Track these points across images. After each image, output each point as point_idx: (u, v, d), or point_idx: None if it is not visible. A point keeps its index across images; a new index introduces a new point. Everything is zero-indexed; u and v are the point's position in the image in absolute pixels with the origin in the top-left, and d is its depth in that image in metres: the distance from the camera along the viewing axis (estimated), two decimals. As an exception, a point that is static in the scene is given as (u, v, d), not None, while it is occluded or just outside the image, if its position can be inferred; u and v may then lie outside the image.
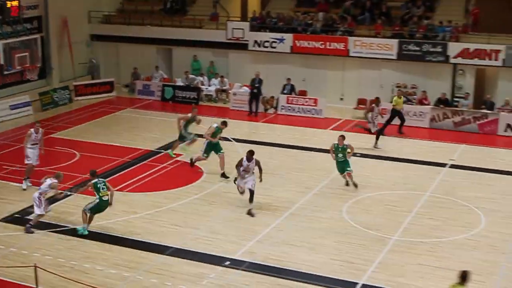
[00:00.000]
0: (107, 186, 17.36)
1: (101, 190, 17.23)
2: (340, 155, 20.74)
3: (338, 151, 20.78)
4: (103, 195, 17.23)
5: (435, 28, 31.93)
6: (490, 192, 20.92)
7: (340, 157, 20.75)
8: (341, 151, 20.70)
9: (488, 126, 27.85)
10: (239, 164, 18.86)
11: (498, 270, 15.60)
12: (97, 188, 17.21)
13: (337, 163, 20.91)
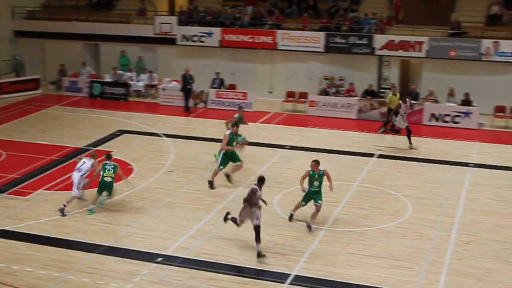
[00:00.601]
0: (115, 171, 18.33)
1: (106, 172, 18.28)
2: (316, 183, 17.33)
3: (313, 179, 17.37)
4: (106, 175, 18.24)
5: (361, 20, 32.52)
6: (416, 180, 21.46)
7: (315, 186, 17.34)
8: (318, 178, 17.30)
9: (413, 116, 28.50)
10: (252, 197, 15.75)
11: (425, 256, 16.02)
12: (104, 169, 18.33)
13: (307, 194, 17.47)
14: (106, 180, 18.29)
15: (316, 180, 17.30)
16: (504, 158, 24.06)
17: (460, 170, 22.51)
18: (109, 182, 18.34)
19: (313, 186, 17.34)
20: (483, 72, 30.31)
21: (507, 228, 17.75)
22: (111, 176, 18.32)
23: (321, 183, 17.34)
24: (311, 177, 17.35)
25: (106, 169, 18.34)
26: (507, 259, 15.88)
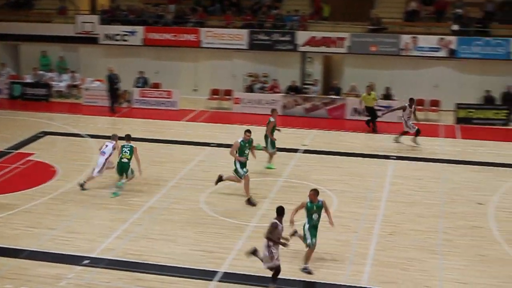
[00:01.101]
0: (131, 153, 19.28)
1: (123, 153, 19.32)
2: (315, 216, 15.08)
3: (312, 211, 15.05)
4: (123, 157, 19.29)
5: (283, 17, 32.81)
6: (341, 174, 21.83)
7: (315, 220, 15.11)
8: (317, 210, 15.07)
9: (336, 111, 29.00)
10: (273, 230, 13.98)
11: (351, 248, 16.32)
12: (121, 150, 19.37)
13: (308, 230, 15.09)
14: (123, 161, 19.33)
15: (315, 213, 14.99)
16: (425, 150, 24.71)
17: (383, 163, 23.00)
18: (125, 163, 19.33)
19: (312, 221, 15.02)
20: (402, 67, 31.08)
21: (428, 218, 18.25)
22: (127, 158, 19.32)
23: (320, 216, 15.12)
24: (309, 210, 14.96)
25: (123, 151, 19.38)
26: (429, 248, 16.34)
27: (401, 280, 14.73)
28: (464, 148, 25.16)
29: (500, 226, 17.68)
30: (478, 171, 22.32)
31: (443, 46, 30.24)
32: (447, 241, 16.74)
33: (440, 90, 30.65)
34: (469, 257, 15.90)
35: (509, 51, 29.68)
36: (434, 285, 14.52)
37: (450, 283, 14.60)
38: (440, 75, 31.04)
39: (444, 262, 15.59)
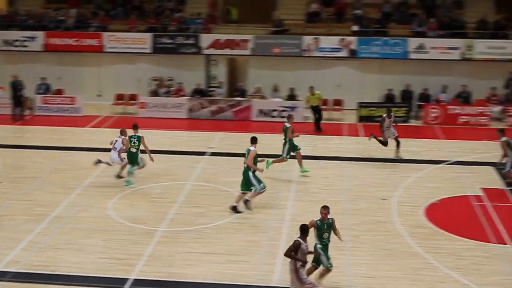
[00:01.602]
0: (139, 142, 20.40)
1: (131, 144, 20.38)
2: (325, 235, 14.09)
3: (323, 230, 14.08)
4: (132, 147, 20.37)
5: (187, 20, 32.78)
6: (248, 176, 21.99)
7: (325, 239, 14.13)
8: (327, 229, 14.07)
9: (242, 113, 29.22)
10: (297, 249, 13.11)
11: (260, 248, 16.48)
12: (130, 141, 20.40)
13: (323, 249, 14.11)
14: (132, 151, 20.43)
15: (326, 232, 14.06)
16: (329, 149, 25.23)
17: (289, 162, 23.30)
18: (134, 153, 20.40)
19: (323, 240, 14.08)
20: (305, 67, 31.62)
21: (335, 215, 18.41)
22: (136, 147, 20.43)
23: (330, 235, 14.20)
24: (320, 229, 14.02)
25: (131, 141, 20.45)
26: (336, 245, 16.59)
27: (311, 278, 14.97)
28: (366, 145, 25.82)
29: (403, 220, 18.27)
30: (380, 168, 22.98)
31: (344, 46, 30.97)
32: (354, 237, 17.16)
33: (342, 90, 31.38)
34: (375, 251, 16.36)
35: (406, 50, 30.68)
36: (342, 280, 14.85)
37: (358, 278, 14.97)
38: (342, 75, 31.78)
39: (351, 257, 15.98)
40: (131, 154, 20.51)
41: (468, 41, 30.67)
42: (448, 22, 31.59)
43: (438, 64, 30.93)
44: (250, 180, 18.70)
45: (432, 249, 16.48)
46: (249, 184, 18.74)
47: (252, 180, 18.70)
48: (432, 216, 18.57)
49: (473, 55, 30.59)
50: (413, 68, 31.23)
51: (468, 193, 20.43)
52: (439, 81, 30.52)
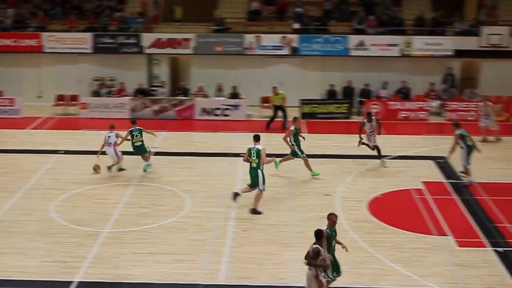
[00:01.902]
0: (141, 134, 21.27)
1: (134, 138, 21.14)
2: (333, 243, 13.65)
3: (332, 238, 13.56)
4: (136, 141, 21.23)
5: (127, 20, 32.52)
6: (193, 175, 21.98)
7: (333, 247, 13.67)
8: (335, 236, 13.67)
9: (185, 112, 29.15)
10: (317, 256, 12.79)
11: (206, 247, 16.50)
12: (132, 135, 21.17)
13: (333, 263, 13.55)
14: (136, 144, 21.23)
15: (334, 239, 13.60)
16: (272, 146, 25.31)
17: (233, 161, 23.36)
18: (139, 146, 21.27)
19: (332, 248, 13.59)
20: (248, 66, 31.75)
21: (279, 212, 18.79)
22: (139, 140, 21.22)
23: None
24: (330, 237, 13.41)
25: (133, 135, 21.12)
26: (282, 241, 16.84)
27: (257, 275, 15.08)
28: (310, 142, 26.00)
29: (347, 215, 18.51)
30: (324, 164, 23.20)
31: (286, 44, 31.18)
32: (299, 233, 17.32)
33: (284, 87, 31.48)
34: (320, 247, 16.54)
35: (347, 47, 31.06)
36: (289, 276, 14.98)
37: (303, 273, 15.06)
38: (284, 72, 31.99)
39: (297, 253, 16.08)
40: (137, 147, 21.47)
41: (407, 38, 31.24)
42: (387, 19, 32.11)
43: (378, 61, 31.42)
44: (258, 179, 18.60)
45: (376, 242, 16.77)
46: (257, 183, 18.63)
47: (259, 179, 18.60)
48: (375, 210, 18.88)
49: (411, 52, 31.17)
50: (354, 65, 31.65)
51: (409, 186, 20.83)
52: (380, 77, 31.03)
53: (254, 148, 18.60)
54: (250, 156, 18.61)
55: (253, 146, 18.67)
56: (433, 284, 14.67)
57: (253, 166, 18.65)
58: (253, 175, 18.68)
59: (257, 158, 18.52)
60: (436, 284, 14.61)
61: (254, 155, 18.54)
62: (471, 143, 20.95)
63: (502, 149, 24.72)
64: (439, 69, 31.52)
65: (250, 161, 18.67)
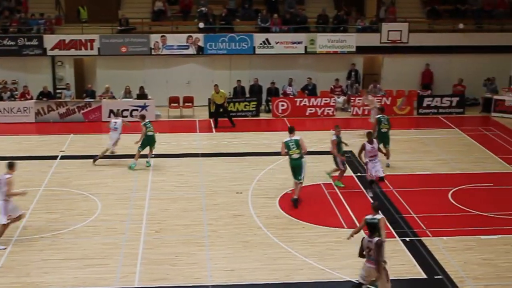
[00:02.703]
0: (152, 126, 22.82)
1: (148, 129, 22.56)
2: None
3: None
4: (148, 131, 22.50)
5: (29, 21, 31.70)
6: (102, 177, 21.70)
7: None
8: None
9: (92, 114, 28.69)
10: (382, 250, 13.10)
11: (119, 250, 16.34)
12: (146, 127, 22.50)
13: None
14: (148, 134, 22.62)
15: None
16: (182, 146, 25.36)
17: (143, 162, 23.18)
18: (151, 136, 22.72)
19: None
20: (155, 66, 31.56)
21: (192, 212, 18.81)
22: (151, 131, 22.67)
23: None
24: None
25: (148, 127, 22.65)
26: (195, 241, 16.87)
27: (172, 276, 15.07)
28: (219, 141, 26.20)
29: (259, 212, 18.72)
30: (234, 162, 23.37)
31: (192, 43, 31.16)
32: (212, 232, 17.40)
33: (192, 87, 31.58)
34: (234, 244, 16.68)
35: (253, 45, 31.32)
36: (203, 276, 15.04)
37: (218, 272, 15.21)
38: (191, 72, 31.96)
39: (211, 252, 16.20)
40: (149, 137, 22.61)
41: (311, 35, 31.80)
42: (290, 17, 32.57)
43: (284, 58, 31.84)
44: (302, 169, 18.94)
45: (288, 238, 17.04)
46: (300, 173, 18.97)
47: (303, 168, 18.98)
48: (286, 206, 19.16)
49: (316, 49, 31.73)
50: (260, 63, 31.96)
51: (319, 181, 21.24)
52: (286, 74, 31.42)
53: (291, 140, 19.02)
54: (289, 149, 18.90)
55: (289, 138, 19.05)
56: (345, 276, 15.04)
57: (294, 157, 18.97)
58: (297, 165, 19.00)
59: (297, 148, 18.86)
60: (349, 276, 14.98)
61: (293, 147, 18.91)
62: (384, 130, 22.14)
63: (405, 141, 25.56)
64: (343, 65, 32.24)
65: (290, 153, 18.93)
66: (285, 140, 19.13)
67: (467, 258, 15.98)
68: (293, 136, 19.14)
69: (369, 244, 13.11)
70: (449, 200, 19.60)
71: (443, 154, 24.32)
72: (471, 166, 23.11)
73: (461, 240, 16.64)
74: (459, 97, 30.94)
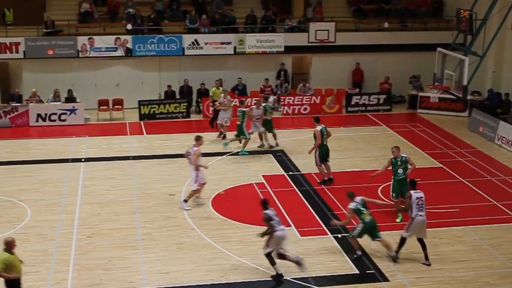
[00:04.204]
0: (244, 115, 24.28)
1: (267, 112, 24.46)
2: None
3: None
4: (268, 115, 24.44)
5: (-51, 25, 30.78)
6: (32, 183, 21.29)
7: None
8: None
9: (19, 119, 28.09)
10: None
11: (50, 257, 16.09)
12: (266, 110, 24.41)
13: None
14: (268, 118, 24.39)
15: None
16: (113, 149, 25.09)
17: (73, 166, 22.88)
18: (239, 125, 23.90)
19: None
20: (82, 68, 31.06)
21: (124, 215, 18.67)
22: (240, 121, 23.91)
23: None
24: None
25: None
26: (129, 244, 16.76)
27: (105, 280, 14.93)
28: (151, 143, 26.03)
29: (192, 213, 18.73)
30: (166, 164, 23.28)
31: (120, 45, 30.82)
32: (146, 235, 17.32)
33: (122, 89, 31.23)
34: (168, 246, 16.65)
35: (182, 46, 31.21)
36: (137, 279, 14.96)
37: (152, 275, 15.15)
38: (120, 74, 31.58)
39: (145, 256, 16.12)
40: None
41: (239, 35, 31.89)
42: (219, 18, 32.60)
43: (213, 59, 31.83)
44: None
45: (222, 238, 17.11)
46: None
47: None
48: (219, 207, 19.22)
49: (245, 49, 31.85)
50: (190, 64, 31.87)
51: (251, 181, 21.37)
52: (216, 75, 31.39)
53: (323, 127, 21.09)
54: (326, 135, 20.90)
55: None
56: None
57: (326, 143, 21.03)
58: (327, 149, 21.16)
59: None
60: (283, 274, 15.12)
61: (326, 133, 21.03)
62: (269, 118, 24.61)
63: (335, 140, 25.87)
64: (273, 65, 32.47)
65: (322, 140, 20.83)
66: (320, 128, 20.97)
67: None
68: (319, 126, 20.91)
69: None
70: (379, 196, 20.00)
71: (372, 151, 24.81)
72: (399, 162, 23.63)
73: (390, 235, 17.01)
74: (386, 95, 31.59)
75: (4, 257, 12.84)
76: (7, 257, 12.84)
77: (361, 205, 15.76)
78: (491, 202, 19.85)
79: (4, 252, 12.91)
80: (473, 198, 20.21)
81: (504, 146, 25.38)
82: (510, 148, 25.00)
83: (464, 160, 24.01)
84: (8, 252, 12.89)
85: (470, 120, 28.52)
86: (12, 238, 13.14)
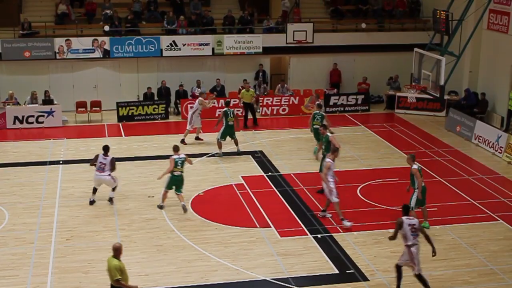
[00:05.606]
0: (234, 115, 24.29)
1: (228, 117, 23.90)
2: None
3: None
4: (229, 120, 23.98)
5: None
6: (9, 186, 21.12)
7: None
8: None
9: (-5, 122, 27.93)
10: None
11: (29, 260, 15.98)
12: (227, 115, 23.96)
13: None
14: (230, 124, 24.01)
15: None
16: (91, 151, 24.91)
17: (51, 168, 22.74)
18: (231, 125, 24.05)
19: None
20: (60, 70, 30.86)
21: (104, 218, 18.60)
22: (231, 120, 23.99)
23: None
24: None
25: (228, 115, 23.96)
26: (108, 247, 16.56)
27: (84, 284, 14.87)
28: (129, 145, 25.94)
29: (171, 215, 18.70)
30: (144, 166, 23.20)
31: (97, 47, 30.67)
32: (125, 237, 17.26)
33: (99, 91, 31.07)
34: (147, 249, 16.62)
35: (160, 48, 31.13)
36: (117, 282, 14.88)
37: (132, 277, 14.97)
38: (98, 76, 31.39)
39: (124, 258, 15.88)
40: (230, 126, 24.11)
41: (217, 36, 31.86)
42: (197, 19, 32.55)
43: (192, 60, 31.77)
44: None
45: (202, 240, 17.10)
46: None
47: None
48: (199, 208, 19.21)
49: (223, 50, 31.84)
50: (168, 65, 31.80)
51: (230, 182, 21.38)
52: (194, 76, 31.38)
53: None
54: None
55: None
56: (260, 275, 15.23)
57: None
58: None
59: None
60: (263, 275, 15.17)
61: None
62: (231, 123, 24.21)
63: (314, 140, 25.95)
64: (251, 66, 32.49)
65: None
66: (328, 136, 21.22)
67: (376, 251, 16.46)
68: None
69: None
70: (358, 196, 20.11)
71: (351, 151, 24.91)
72: (378, 162, 23.79)
73: (370, 235, 17.10)
74: (364, 95, 31.74)
75: (115, 263, 12.58)
76: (118, 263, 12.61)
77: (181, 160, 18.99)
78: (469, 201, 20.05)
79: (113, 258, 12.65)
80: (451, 197, 20.39)
81: (481, 145, 25.63)
82: (487, 147, 25.26)
83: (442, 159, 24.21)
84: (117, 258, 12.65)
85: (447, 119, 28.76)
86: (120, 243, 12.90)
